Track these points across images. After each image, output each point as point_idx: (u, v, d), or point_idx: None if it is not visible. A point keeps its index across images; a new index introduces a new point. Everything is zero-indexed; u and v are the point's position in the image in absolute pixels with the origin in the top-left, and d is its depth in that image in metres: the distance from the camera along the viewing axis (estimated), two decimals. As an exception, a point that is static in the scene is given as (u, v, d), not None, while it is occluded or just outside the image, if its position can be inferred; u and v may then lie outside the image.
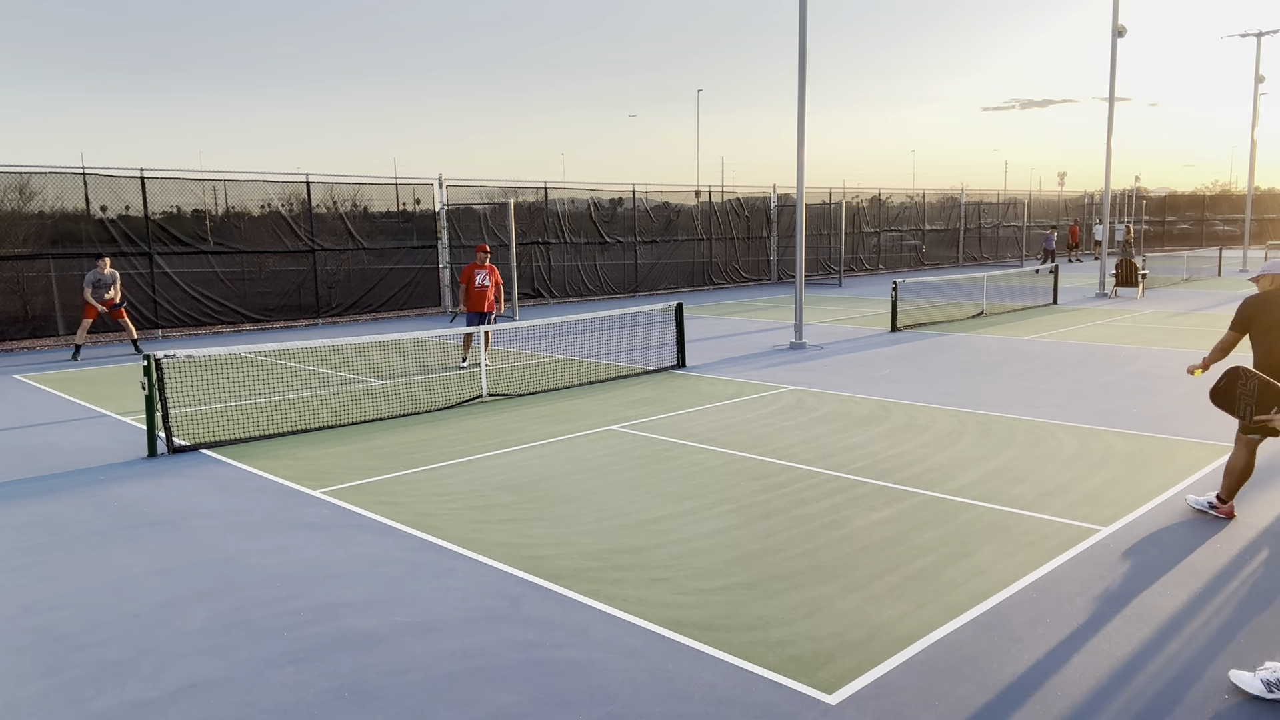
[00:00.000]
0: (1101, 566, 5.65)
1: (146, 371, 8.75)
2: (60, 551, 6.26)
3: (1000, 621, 4.93)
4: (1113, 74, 24.13)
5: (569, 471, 7.99)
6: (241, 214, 20.28)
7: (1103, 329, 17.48)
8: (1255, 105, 33.81)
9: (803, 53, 15.50)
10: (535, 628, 4.94)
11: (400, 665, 4.56)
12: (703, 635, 4.80)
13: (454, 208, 23.09)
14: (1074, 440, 8.78)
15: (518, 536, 6.35)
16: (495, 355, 14.97)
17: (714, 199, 29.71)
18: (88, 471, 8.31)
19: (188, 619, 5.14)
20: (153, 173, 18.39)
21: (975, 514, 6.67)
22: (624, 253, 26.77)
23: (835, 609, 5.11)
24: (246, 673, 4.51)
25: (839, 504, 6.96)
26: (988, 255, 40.64)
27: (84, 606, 5.34)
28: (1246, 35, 33.67)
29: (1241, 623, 4.89)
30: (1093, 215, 46.88)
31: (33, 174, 17.30)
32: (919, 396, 11.03)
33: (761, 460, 8.24)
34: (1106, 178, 25.41)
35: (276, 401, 11.35)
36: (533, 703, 4.18)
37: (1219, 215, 56.98)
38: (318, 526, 6.67)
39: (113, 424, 10.33)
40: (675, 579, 5.56)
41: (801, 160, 15.74)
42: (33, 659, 4.71)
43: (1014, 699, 4.16)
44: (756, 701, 4.15)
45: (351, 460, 8.51)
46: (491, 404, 11.07)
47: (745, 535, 6.30)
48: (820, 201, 32.23)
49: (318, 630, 4.96)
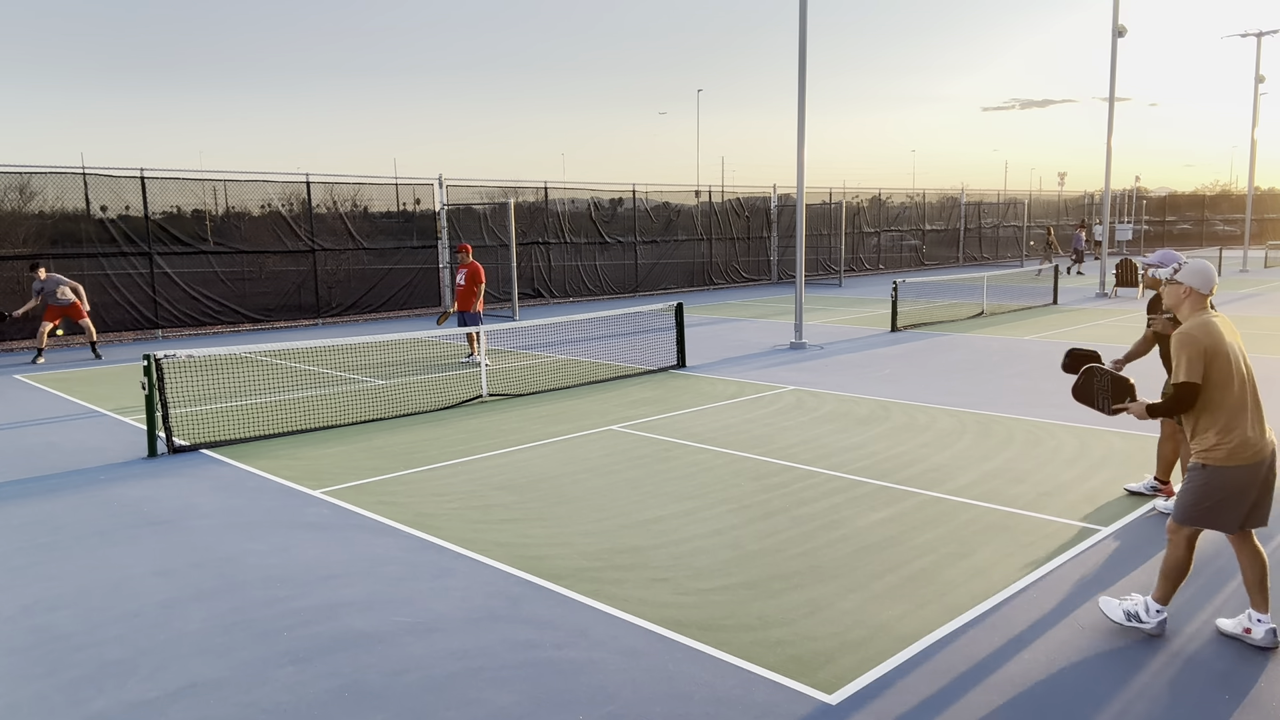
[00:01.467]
0: (1102, 566, 5.65)
1: (146, 371, 8.74)
2: (60, 551, 6.26)
3: (1000, 621, 4.93)
4: (1113, 74, 24.13)
5: (569, 471, 7.99)
6: (241, 214, 20.28)
7: (1103, 329, 17.48)
8: (1255, 105, 33.82)
9: (803, 53, 15.50)
10: (535, 628, 4.94)
11: (400, 665, 4.56)
12: (703, 635, 4.80)
13: (454, 208, 23.09)
14: (1074, 440, 8.78)
15: (518, 536, 6.35)
16: (495, 355, 14.97)
17: (714, 199, 29.71)
18: (88, 471, 8.31)
19: (188, 619, 5.14)
20: (153, 173, 18.40)
21: (975, 514, 6.67)
22: (624, 253, 26.76)
23: (835, 609, 5.11)
24: (246, 673, 4.51)
25: (839, 504, 6.96)
26: (988, 255, 40.63)
27: (84, 606, 5.34)
28: (1246, 35, 33.68)
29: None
30: (1092, 215, 46.85)
31: (33, 174, 17.30)
32: (919, 396, 11.03)
33: (762, 460, 8.24)
34: (1106, 178, 25.41)
35: (276, 401, 11.35)
36: (533, 703, 4.18)
37: (1219, 215, 57.00)
38: (318, 526, 6.67)
39: (113, 424, 10.33)
40: (675, 579, 5.56)
41: (801, 160, 15.74)
42: (33, 659, 4.71)
43: (1014, 699, 4.16)
44: (756, 701, 4.15)
45: (351, 460, 8.51)
46: (491, 404, 11.07)
47: (745, 535, 6.30)
48: (820, 201, 32.23)
49: (318, 630, 4.95)
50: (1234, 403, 4.44)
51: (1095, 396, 4.87)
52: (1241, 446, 4.43)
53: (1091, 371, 4.89)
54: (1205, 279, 4.57)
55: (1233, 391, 4.44)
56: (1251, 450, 4.44)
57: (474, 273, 13.88)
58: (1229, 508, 4.50)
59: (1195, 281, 4.57)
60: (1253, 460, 4.44)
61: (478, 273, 13.92)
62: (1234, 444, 4.43)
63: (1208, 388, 4.44)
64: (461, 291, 13.89)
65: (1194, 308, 4.59)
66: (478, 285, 13.87)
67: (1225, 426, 4.44)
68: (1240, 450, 4.43)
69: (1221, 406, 4.44)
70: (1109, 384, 4.80)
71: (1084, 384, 4.91)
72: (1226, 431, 4.44)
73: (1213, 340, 4.43)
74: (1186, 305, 4.61)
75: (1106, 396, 4.81)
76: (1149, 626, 4.69)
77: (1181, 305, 4.62)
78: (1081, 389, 4.93)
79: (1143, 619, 4.71)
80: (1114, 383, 4.79)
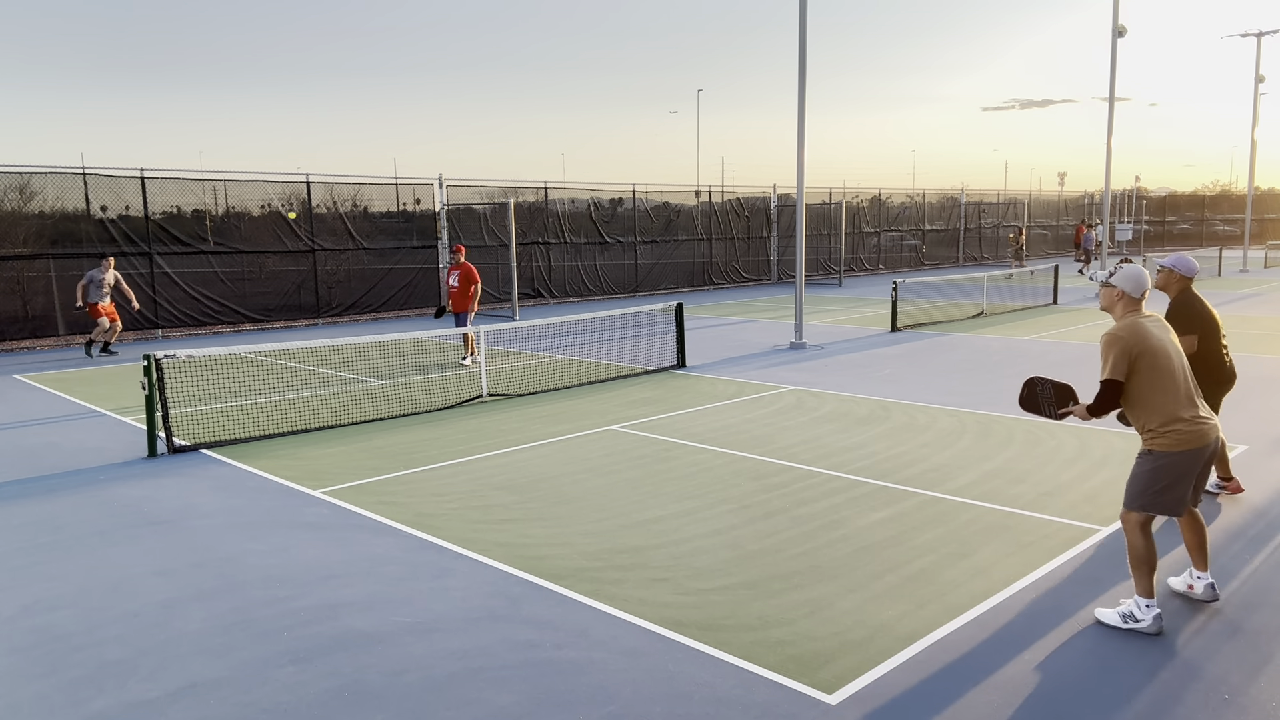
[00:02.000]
0: (1101, 567, 5.65)
1: (146, 371, 8.74)
2: (60, 551, 6.26)
3: (1000, 621, 4.93)
4: (1113, 74, 24.13)
5: (569, 471, 7.99)
6: (241, 214, 20.28)
7: (1103, 329, 17.44)
8: (1255, 105, 33.83)
9: (803, 53, 15.50)
10: (535, 628, 4.94)
11: (400, 665, 4.56)
12: (703, 635, 4.80)
13: (454, 208, 23.09)
14: (1074, 440, 8.78)
15: (518, 536, 6.35)
16: (495, 355, 14.97)
17: (714, 199, 29.72)
18: (88, 471, 8.31)
19: (188, 619, 5.14)
20: (153, 173, 18.41)
21: (975, 514, 6.67)
22: (624, 253, 26.77)
23: (835, 609, 5.11)
24: (246, 673, 4.51)
25: (839, 504, 6.96)
26: (988, 255, 40.62)
27: (84, 606, 5.34)
28: (1246, 35, 33.70)
29: (1241, 621, 4.89)
30: (1092, 215, 46.82)
31: (33, 174, 17.30)
32: (919, 396, 11.03)
33: (762, 460, 8.24)
34: (1106, 178, 25.42)
35: (276, 401, 11.35)
36: (533, 703, 4.18)
37: (1219, 215, 56.95)
38: (318, 526, 6.67)
39: (113, 424, 10.33)
40: (675, 579, 5.56)
41: (801, 160, 15.74)
42: (33, 659, 4.71)
43: (1014, 699, 4.16)
44: (757, 701, 4.15)
45: (351, 460, 8.51)
46: (491, 404, 11.07)
47: (745, 535, 6.30)
48: (820, 201, 32.23)
49: (318, 630, 4.96)
50: (1170, 394, 4.73)
51: (1040, 404, 5.12)
52: (1184, 433, 4.71)
53: (1033, 383, 5.14)
54: (1136, 284, 4.87)
55: (1167, 384, 4.74)
56: (1195, 435, 4.72)
57: (468, 274, 13.82)
58: (1176, 491, 4.78)
59: (1127, 286, 4.87)
60: (1197, 445, 4.73)
61: (472, 273, 13.88)
62: (1177, 432, 4.71)
63: (1140, 383, 4.75)
64: (456, 293, 13.83)
65: (1125, 310, 4.90)
66: (474, 286, 13.84)
67: (1166, 418, 4.73)
68: (1185, 437, 4.71)
69: (1159, 399, 4.73)
70: (1051, 391, 5.05)
71: (1028, 395, 5.16)
72: (1168, 421, 4.72)
73: (1138, 340, 4.73)
74: (1119, 307, 4.92)
75: (1050, 403, 5.07)
76: (1145, 624, 4.78)
77: (1114, 307, 4.94)
78: (1027, 399, 5.17)
79: (1138, 617, 4.80)
80: (1055, 389, 5.04)
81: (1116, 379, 4.73)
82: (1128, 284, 4.88)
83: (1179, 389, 4.77)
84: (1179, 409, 4.73)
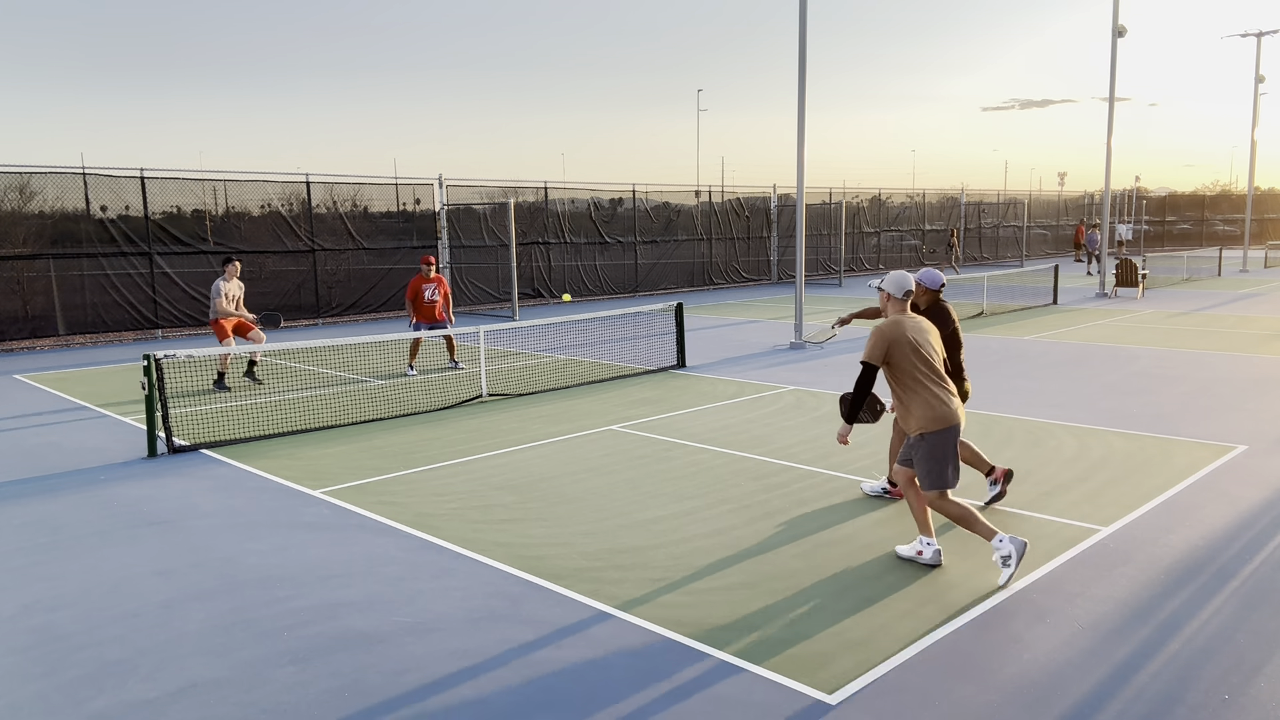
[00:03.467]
0: (1101, 566, 5.65)
1: (146, 371, 8.75)
2: (60, 551, 6.26)
3: (1000, 621, 4.93)
4: (1113, 74, 24.13)
5: (569, 471, 7.99)
6: (241, 214, 20.27)
7: (1103, 329, 17.48)
8: (1255, 105, 33.84)
9: (803, 52, 15.50)
10: (535, 628, 4.94)
11: (400, 665, 4.56)
12: (703, 635, 4.80)
13: (454, 208, 23.09)
14: (1074, 440, 8.78)
15: (518, 536, 6.35)
16: (495, 355, 14.97)
17: (714, 199, 29.71)
18: (88, 471, 8.31)
19: (188, 619, 5.14)
20: (153, 173, 18.40)
21: (975, 514, 6.66)
22: (624, 253, 26.76)
23: (835, 609, 5.11)
24: (246, 673, 4.51)
25: (839, 504, 6.96)
26: (988, 255, 40.62)
27: (84, 606, 5.34)
28: (1246, 35, 33.72)
29: (1241, 622, 4.90)
30: (1092, 215, 46.83)
31: (33, 174, 17.30)
32: (919, 396, 11.01)
33: (761, 460, 8.24)
34: (1106, 178, 25.41)
35: (276, 401, 11.35)
36: (533, 703, 4.18)
37: (1219, 215, 56.94)
38: (318, 526, 6.67)
39: (113, 424, 10.33)
40: (675, 579, 5.56)
41: (801, 160, 15.74)
42: (33, 659, 4.71)
43: (1014, 699, 4.16)
44: (756, 701, 4.15)
45: (351, 460, 8.51)
46: (491, 404, 11.07)
47: (745, 535, 6.30)
48: (820, 201, 32.22)
49: (318, 630, 4.96)
50: (924, 382, 5.57)
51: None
52: (939, 414, 5.53)
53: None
54: (898, 286, 5.77)
55: (919, 373, 5.58)
56: (948, 416, 5.54)
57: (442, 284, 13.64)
58: (949, 464, 5.55)
59: (891, 288, 5.77)
60: (951, 423, 5.54)
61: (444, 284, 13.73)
62: (933, 413, 5.52)
63: (896, 371, 5.62)
64: (439, 307, 13.54)
65: (894, 309, 5.80)
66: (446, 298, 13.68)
67: (923, 402, 5.55)
68: (941, 417, 5.52)
69: (915, 386, 5.58)
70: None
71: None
72: (926, 405, 5.54)
73: (897, 333, 5.60)
74: (890, 307, 5.83)
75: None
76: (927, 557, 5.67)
77: (886, 306, 5.86)
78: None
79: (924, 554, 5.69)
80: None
81: (871, 362, 5.63)
82: (891, 287, 5.77)
83: (928, 377, 5.59)
84: (932, 394, 5.55)
